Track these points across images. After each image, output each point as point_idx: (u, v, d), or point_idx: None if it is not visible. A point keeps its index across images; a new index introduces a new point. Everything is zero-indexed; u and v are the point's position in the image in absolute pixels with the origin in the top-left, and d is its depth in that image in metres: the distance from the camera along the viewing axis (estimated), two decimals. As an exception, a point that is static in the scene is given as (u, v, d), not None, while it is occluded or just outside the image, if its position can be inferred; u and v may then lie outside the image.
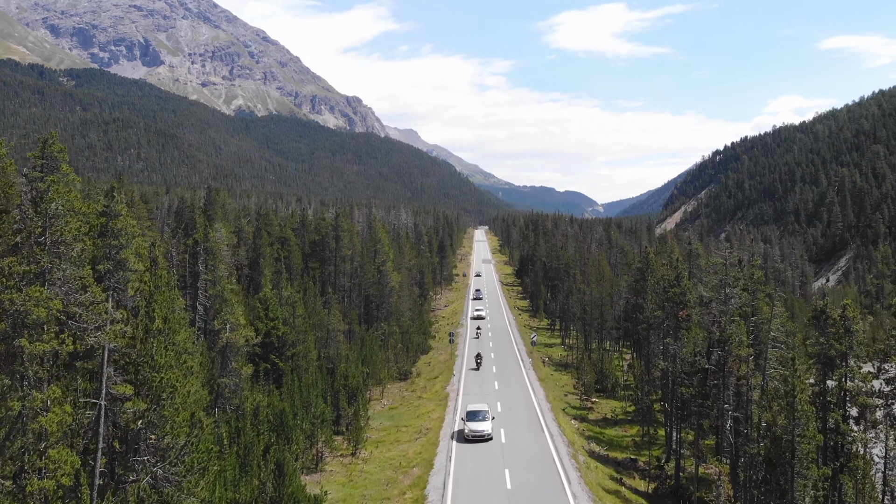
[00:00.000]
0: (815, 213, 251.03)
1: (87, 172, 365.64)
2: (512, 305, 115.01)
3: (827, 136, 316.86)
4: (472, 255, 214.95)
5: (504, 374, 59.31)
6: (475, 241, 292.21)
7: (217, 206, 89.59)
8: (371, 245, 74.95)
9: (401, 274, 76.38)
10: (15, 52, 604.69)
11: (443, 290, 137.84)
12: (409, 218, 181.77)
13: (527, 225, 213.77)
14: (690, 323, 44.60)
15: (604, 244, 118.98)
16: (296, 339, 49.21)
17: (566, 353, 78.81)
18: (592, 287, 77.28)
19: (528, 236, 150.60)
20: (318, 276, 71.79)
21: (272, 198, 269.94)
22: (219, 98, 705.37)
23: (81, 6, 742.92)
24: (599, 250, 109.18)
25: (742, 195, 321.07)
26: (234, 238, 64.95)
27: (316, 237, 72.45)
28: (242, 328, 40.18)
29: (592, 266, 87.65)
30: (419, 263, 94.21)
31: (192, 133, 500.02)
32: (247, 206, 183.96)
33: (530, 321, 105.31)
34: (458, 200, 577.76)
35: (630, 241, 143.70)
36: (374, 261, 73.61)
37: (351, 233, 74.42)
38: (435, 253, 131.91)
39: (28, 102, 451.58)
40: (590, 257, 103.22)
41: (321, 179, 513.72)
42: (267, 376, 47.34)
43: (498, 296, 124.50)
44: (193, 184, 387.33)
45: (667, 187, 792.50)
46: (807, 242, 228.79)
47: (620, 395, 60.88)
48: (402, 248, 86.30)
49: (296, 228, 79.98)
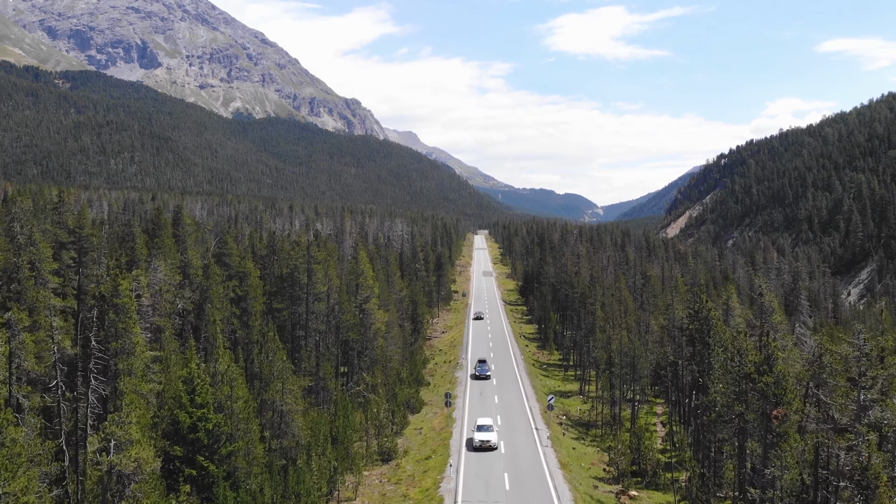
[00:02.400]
0: (830, 220, 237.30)
1: (78, 176, 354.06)
2: (517, 333, 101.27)
3: (837, 140, 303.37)
4: (472, 266, 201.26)
5: (515, 458, 45.62)
6: (475, 248, 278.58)
7: (181, 225, 76.09)
8: (353, 278, 61.38)
9: (388, 312, 62.73)
10: (10, 55, 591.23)
11: (440, 311, 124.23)
12: (404, 228, 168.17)
13: (530, 235, 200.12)
14: (787, 422, 30.87)
15: (620, 265, 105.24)
16: (234, 432, 35.61)
17: (586, 406, 65.14)
18: (619, 330, 63.52)
19: (534, 251, 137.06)
20: (288, 318, 58.18)
21: (264, 204, 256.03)
22: (216, 100, 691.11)
23: (79, 8, 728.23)
24: (616, 273, 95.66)
25: (750, 201, 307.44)
26: (177, 276, 51.27)
27: (285, 270, 58.76)
28: (136, 447, 26.53)
29: (613, 299, 74.14)
30: (412, 292, 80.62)
31: (187, 136, 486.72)
32: (230, 217, 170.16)
33: (538, 353, 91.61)
34: (458, 204, 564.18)
35: (646, 257, 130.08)
36: (356, 297, 60.12)
37: (327, 264, 60.85)
38: (432, 272, 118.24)
39: (21, 105, 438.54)
40: (605, 281, 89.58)
41: (318, 183, 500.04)
42: (194, 486, 33.77)
43: (501, 320, 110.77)
44: (187, 187, 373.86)
45: (668, 189, 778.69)
46: (824, 252, 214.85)
47: (663, 480, 47.16)
48: (392, 277, 72.58)
49: (264, 256, 66.41)
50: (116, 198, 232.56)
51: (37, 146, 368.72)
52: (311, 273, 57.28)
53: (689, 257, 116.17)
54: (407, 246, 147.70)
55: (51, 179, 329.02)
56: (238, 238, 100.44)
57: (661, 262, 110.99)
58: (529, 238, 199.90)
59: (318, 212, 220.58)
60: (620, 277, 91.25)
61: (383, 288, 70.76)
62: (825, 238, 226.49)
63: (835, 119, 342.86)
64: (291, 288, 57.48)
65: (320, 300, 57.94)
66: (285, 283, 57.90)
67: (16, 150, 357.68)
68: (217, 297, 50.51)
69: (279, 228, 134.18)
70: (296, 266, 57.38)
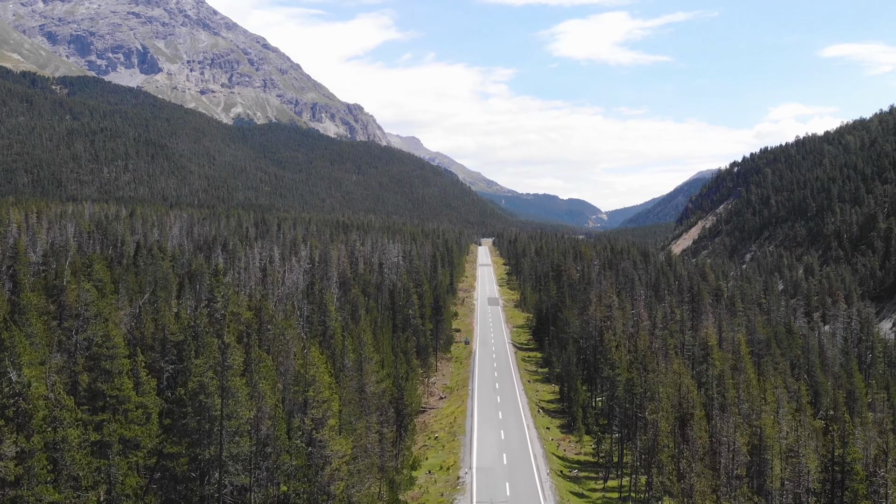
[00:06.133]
0: (862, 237, 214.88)
1: (70, 185, 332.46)
2: (533, 403, 79.20)
3: (859, 149, 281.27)
4: (475, 289, 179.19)
5: None
6: (479, 264, 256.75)
7: None
8: (299, 389, 39.55)
9: (351, 438, 40.87)
10: (8, 60, 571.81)
11: (438, 361, 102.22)
12: (400, 253, 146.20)
13: (540, 257, 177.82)
14: None
15: (654, 307, 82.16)
16: None
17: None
18: (697, 460, 41.53)
19: (548, 286, 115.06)
20: (189, 469, 36.29)
21: (255, 217, 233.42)
22: (217, 106, 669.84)
23: (79, 13, 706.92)
24: (664, 334, 73.29)
25: (768, 212, 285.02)
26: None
27: (190, 384, 36.88)
28: None
29: (673, 388, 52.17)
30: (396, 371, 58.62)
31: (185, 142, 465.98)
32: (208, 239, 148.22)
33: (564, 440, 69.46)
34: (460, 211, 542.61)
35: (677, 292, 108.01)
36: (304, 421, 38.50)
37: (260, 367, 39.16)
38: (429, 318, 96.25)
39: (15, 111, 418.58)
40: (647, 346, 67.47)
41: (318, 190, 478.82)
42: None
43: (513, 379, 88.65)
44: (182, 196, 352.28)
45: (673, 195, 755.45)
46: (858, 274, 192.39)
47: None
48: (362, 365, 50.08)
49: (179, 343, 44.69)
50: (93, 214, 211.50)
51: (28, 154, 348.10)
52: (227, 394, 35.63)
53: (736, 301, 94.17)
54: (403, 275, 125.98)
55: (41, 188, 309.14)
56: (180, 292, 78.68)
57: (702, 305, 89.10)
58: (539, 259, 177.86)
59: (309, 229, 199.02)
60: (667, 339, 69.13)
61: (353, 379, 48.98)
62: (858, 257, 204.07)
63: (854, 126, 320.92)
64: (198, 417, 35.80)
65: (242, 435, 36.30)
66: (188, 406, 36.16)
67: (6, 159, 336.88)
68: (67, 446, 28.74)
69: (248, 260, 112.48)
70: (202, 384, 35.69)
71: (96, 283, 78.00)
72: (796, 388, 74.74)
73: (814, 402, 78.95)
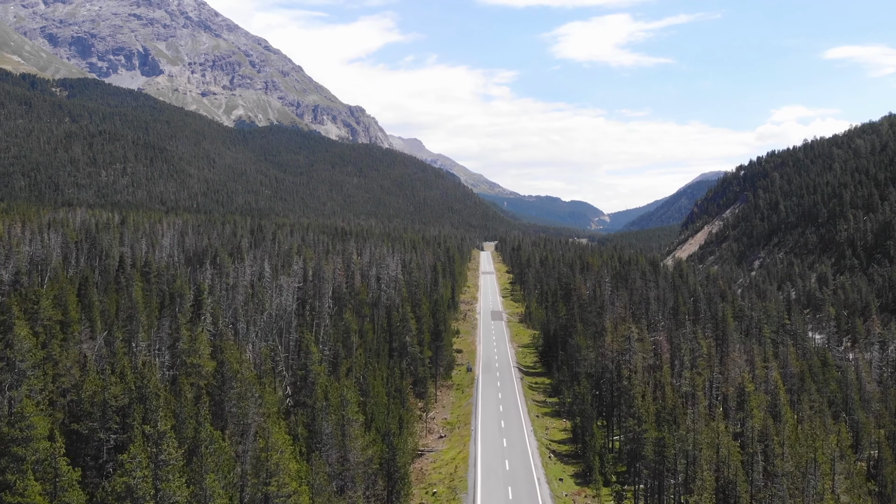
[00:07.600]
0: (877, 245, 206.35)
1: (67, 189, 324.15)
2: (543, 444, 70.78)
3: (871, 153, 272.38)
4: (478, 302, 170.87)
5: None
6: (481, 272, 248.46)
7: None
8: (257, 482, 31.29)
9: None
10: (8, 62, 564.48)
11: (438, 390, 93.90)
12: (399, 267, 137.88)
13: (545, 268, 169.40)
14: None
15: (693, 358, 73.14)
16: None
17: None
18: None
19: (557, 307, 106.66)
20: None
21: (251, 223, 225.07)
22: (219, 108, 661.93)
23: (80, 15, 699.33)
24: (692, 374, 64.73)
25: (777, 218, 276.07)
26: None
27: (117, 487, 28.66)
28: None
29: (710, 449, 43.91)
30: (387, 427, 50.25)
31: (185, 145, 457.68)
32: (199, 250, 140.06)
33: (579, 495, 61.04)
34: (462, 214, 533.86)
35: (692, 315, 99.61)
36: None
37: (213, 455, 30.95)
38: (427, 345, 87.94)
39: (14, 114, 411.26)
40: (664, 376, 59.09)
41: (319, 193, 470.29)
42: None
43: (520, 415, 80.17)
44: (180, 200, 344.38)
45: (676, 197, 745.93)
46: (875, 284, 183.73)
47: None
48: (344, 429, 41.69)
49: (123, 407, 36.60)
50: (85, 221, 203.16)
51: (25, 157, 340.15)
52: (162, 500, 27.51)
53: (763, 325, 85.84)
54: (402, 289, 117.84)
55: (38, 193, 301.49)
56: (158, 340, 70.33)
57: (727, 330, 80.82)
58: (544, 270, 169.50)
59: (306, 239, 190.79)
60: (695, 379, 60.65)
61: (334, 448, 40.67)
62: (874, 267, 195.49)
63: (863, 129, 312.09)
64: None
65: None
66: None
67: (3, 162, 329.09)
68: None
69: (237, 276, 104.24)
70: (129, 487, 27.44)
71: (61, 308, 69.78)
72: (836, 430, 66.44)
73: (854, 444, 70.54)
